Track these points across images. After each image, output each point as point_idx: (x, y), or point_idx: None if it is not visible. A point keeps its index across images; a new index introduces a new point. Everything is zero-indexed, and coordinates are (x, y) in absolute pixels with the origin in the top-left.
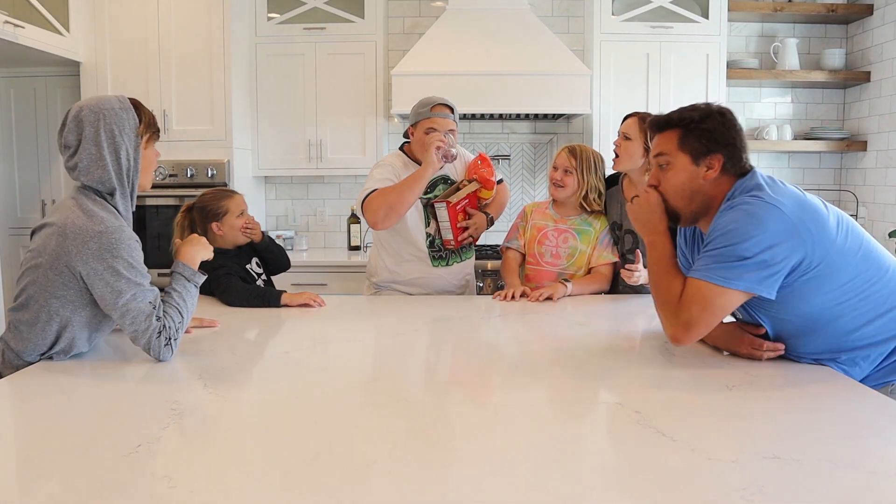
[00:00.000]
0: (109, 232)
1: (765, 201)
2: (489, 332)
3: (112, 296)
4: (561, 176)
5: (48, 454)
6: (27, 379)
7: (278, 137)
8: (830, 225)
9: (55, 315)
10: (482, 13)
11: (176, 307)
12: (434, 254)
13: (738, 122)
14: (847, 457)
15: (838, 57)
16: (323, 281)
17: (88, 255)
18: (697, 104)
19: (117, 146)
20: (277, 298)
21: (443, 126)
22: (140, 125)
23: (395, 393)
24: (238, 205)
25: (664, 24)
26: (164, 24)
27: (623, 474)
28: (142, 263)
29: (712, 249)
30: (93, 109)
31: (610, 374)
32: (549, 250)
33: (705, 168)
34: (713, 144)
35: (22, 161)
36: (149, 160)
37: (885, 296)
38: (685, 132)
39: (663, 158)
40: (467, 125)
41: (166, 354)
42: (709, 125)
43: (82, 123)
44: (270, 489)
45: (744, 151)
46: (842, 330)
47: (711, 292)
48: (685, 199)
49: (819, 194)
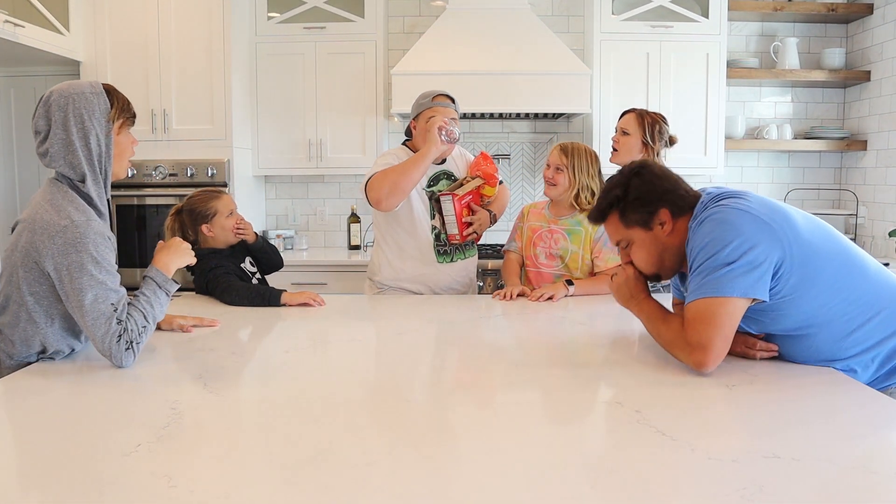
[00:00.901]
0: (75, 226)
1: (730, 207)
2: (489, 332)
3: (74, 293)
4: (552, 174)
5: (48, 454)
6: (27, 379)
7: (278, 137)
8: (800, 225)
9: (33, 313)
10: (482, 13)
11: (141, 312)
12: (439, 248)
13: (657, 168)
14: (847, 457)
15: (838, 56)
16: (323, 280)
17: (54, 251)
18: (613, 178)
19: (87, 131)
20: (278, 297)
21: (445, 114)
22: (112, 110)
23: (396, 393)
24: (226, 205)
25: (664, 24)
26: (164, 24)
27: (623, 474)
28: (109, 261)
29: (697, 268)
30: (63, 94)
31: (610, 374)
32: (544, 251)
33: (659, 227)
34: (651, 205)
35: (22, 161)
36: (122, 146)
37: (871, 298)
38: (621, 211)
39: (622, 242)
40: (467, 125)
41: (126, 360)
42: (635, 192)
43: (51, 108)
44: (270, 489)
45: (681, 188)
46: (832, 337)
47: (710, 307)
48: (659, 262)
49: (819, 194)
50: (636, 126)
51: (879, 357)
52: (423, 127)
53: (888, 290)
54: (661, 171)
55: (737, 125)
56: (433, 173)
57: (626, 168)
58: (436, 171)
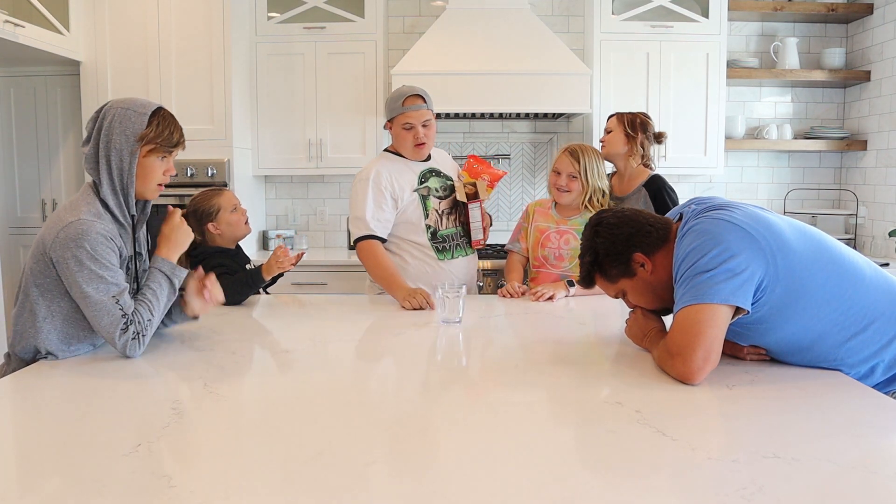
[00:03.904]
0: (79, 223)
1: (712, 218)
2: (490, 332)
3: (75, 285)
4: (566, 182)
5: (48, 453)
6: (27, 378)
7: (278, 137)
8: (787, 235)
9: (35, 304)
10: (482, 13)
11: (147, 304)
12: (437, 245)
13: (612, 218)
14: (847, 457)
15: (838, 56)
16: (323, 280)
17: (57, 243)
18: (582, 243)
19: (112, 145)
20: (259, 276)
21: (417, 118)
22: (144, 131)
23: (396, 392)
24: (229, 200)
25: (664, 24)
26: (164, 24)
27: (623, 473)
28: (108, 259)
29: (679, 278)
30: (114, 105)
31: (610, 374)
32: (553, 252)
33: (641, 269)
34: (622, 255)
35: (22, 161)
36: (147, 169)
37: (866, 306)
38: (601, 272)
39: (618, 294)
40: (467, 125)
41: (132, 350)
42: (603, 251)
43: (102, 116)
44: (270, 489)
45: (644, 226)
46: (826, 347)
47: (689, 314)
48: (657, 298)
49: (819, 194)
50: (617, 123)
51: (882, 365)
52: (398, 132)
53: (886, 296)
54: (617, 219)
55: (737, 125)
56: (422, 171)
57: (585, 230)
58: (423, 169)
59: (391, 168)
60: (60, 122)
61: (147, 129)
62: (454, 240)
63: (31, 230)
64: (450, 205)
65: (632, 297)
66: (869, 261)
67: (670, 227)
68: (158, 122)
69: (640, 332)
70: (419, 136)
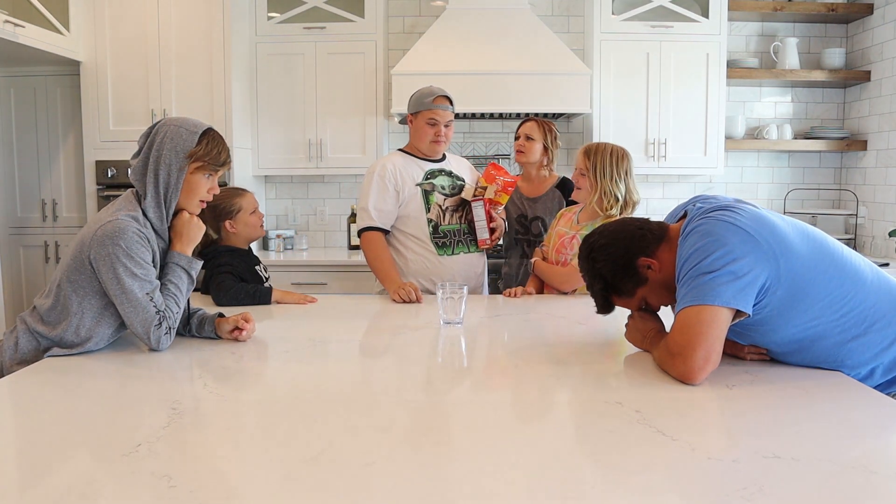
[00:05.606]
0: (117, 222)
1: (716, 219)
2: (490, 332)
3: (111, 282)
4: (577, 177)
5: (48, 453)
6: (29, 377)
7: (278, 137)
8: (790, 238)
9: (68, 299)
10: (482, 12)
11: (174, 298)
12: (438, 241)
13: (599, 238)
14: (847, 457)
15: (838, 56)
16: (323, 280)
17: (95, 241)
18: (584, 276)
19: (161, 160)
20: (268, 295)
21: (443, 118)
22: (194, 148)
23: (396, 392)
24: (251, 202)
25: (664, 24)
26: (164, 24)
27: (623, 473)
28: (143, 257)
29: (682, 278)
30: (167, 123)
31: (610, 373)
32: (566, 257)
33: (650, 270)
34: (627, 267)
35: (22, 161)
36: (192, 186)
37: (867, 308)
38: (616, 292)
39: (642, 304)
40: (467, 125)
41: (164, 343)
42: (608, 272)
43: (155, 132)
44: (270, 489)
45: (631, 231)
46: (828, 348)
47: (691, 314)
48: (669, 294)
49: (819, 194)
50: (539, 133)
51: (881, 368)
52: (420, 126)
53: (886, 299)
54: (606, 239)
55: (737, 125)
56: (431, 168)
57: (580, 262)
58: (433, 167)
59: (400, 163)
60: (60, 122)
61: (197, 147)
62: (456, 236)
63: (31, 230)
64: (456, 202)
65: (653, 301)
66: (870, 263)
67: (661, 224)
68: (208, 142)
69: (640, 334)
70: (440, 134)
